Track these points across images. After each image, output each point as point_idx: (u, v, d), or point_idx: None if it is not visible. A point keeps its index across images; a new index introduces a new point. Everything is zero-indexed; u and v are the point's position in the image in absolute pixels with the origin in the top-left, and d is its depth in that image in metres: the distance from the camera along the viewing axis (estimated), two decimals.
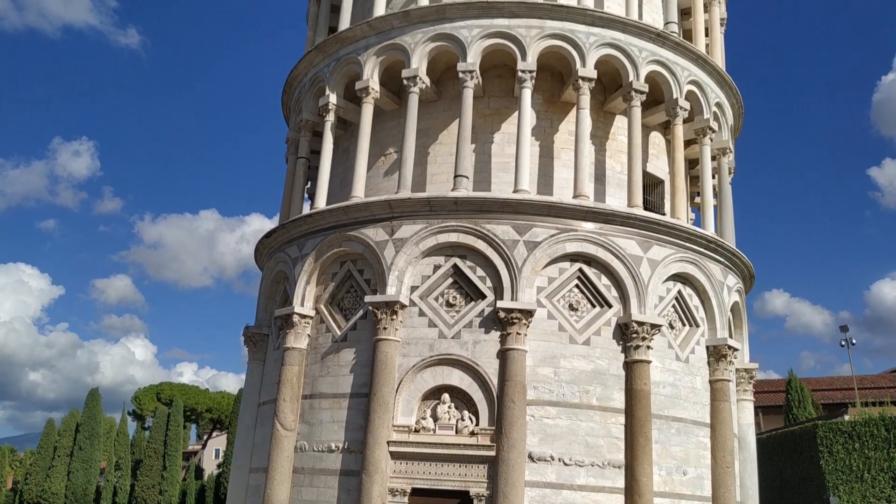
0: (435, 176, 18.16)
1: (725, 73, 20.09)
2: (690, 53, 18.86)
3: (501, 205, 16.10)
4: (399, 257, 16.17)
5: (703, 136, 19.06)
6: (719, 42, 21.70)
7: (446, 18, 17.85)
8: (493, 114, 18.46)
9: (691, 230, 17.32)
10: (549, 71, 18.37)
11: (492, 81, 18.49)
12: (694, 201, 22.13)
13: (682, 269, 17.11)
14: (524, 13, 17.67)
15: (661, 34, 18.34)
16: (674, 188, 18.49)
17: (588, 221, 16.27)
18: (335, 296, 17.32)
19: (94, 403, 58.58)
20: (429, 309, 16.05)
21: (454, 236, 16.20)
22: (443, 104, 18.78)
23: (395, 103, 19.10)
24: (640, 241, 16.53)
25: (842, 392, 47.19)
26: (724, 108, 20.00)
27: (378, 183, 18.80)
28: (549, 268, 16.10)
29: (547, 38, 17.59)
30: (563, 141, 18.30)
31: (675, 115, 18.31)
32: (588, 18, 17.75)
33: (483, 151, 18.12)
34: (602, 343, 15.95)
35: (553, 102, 18.59)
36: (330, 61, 19.40)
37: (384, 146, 19.10)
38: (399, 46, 18.10)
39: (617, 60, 17.90)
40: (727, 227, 19.40)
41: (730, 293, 18.28)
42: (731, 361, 17.70)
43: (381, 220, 16.67)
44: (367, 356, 16.02)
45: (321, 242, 17.40)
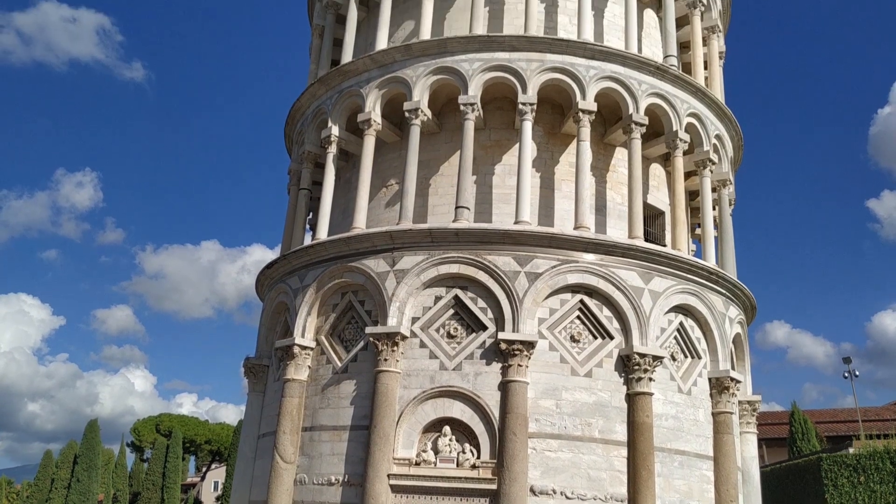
0: (436, 207, 18.24)
1: (725, 105, 20.25)
2: (690, 86, 19.04)
3: (502, 236, 16.14)
4: (400, 288, 16.17)
5: (704, 168, 19.17)
6: (718, 75, 21.91)
7: (447, 52, 18.06)
8: (494, 145, 18.59)
9: (692, 261, 17.34)
10: (549, 103, 18.53)
11: (493, 114, 18.64)
12: (695, 233, 22.18)
13: (683, 301, 17.09)
14: (524, 47, 17.87)
15: (660, 67, 18.53)
16: (674, 220, 18.54)
17: (589, 253, 16.29)
18: (336, 327, 17.30)
19: (93, 435, 58.17)
20: (430, 340, 16.01)
21: (455, 267, 16.21)
22: (444, 136, 18.91)
23: (396, 135, 19.25)
24: (642, 273, 16.54)
25: (846, 424, 46.84)
26: (723, 140, 20.13)
27: (379, 214, 18.87)
28: (551, 299, 16.09)
29: (547, 71, 17.78)
30: (563, 172, 18.40)
31: (675, 147, 18.43)
32: (588, 52, 17.95)
33: (484, 183, 18.21)
34: (604, 375, 15.88)
35: (554, 134, 18.72)
36: (332, 94, 19.60)
37: (386, 178, 19.21)
38: (401, 79, 18.29)
39: (617, 93, 18.07)
40: (728, 259, 19.41)
41: (731, 325, 18.24)
42: (734, 393, 17.60)
43: (383, 251, 16.69)
44: (368, 388, 15.95)
45: (322, 273, 17.42)
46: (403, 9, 20.57)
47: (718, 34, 22.24)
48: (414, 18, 19.73)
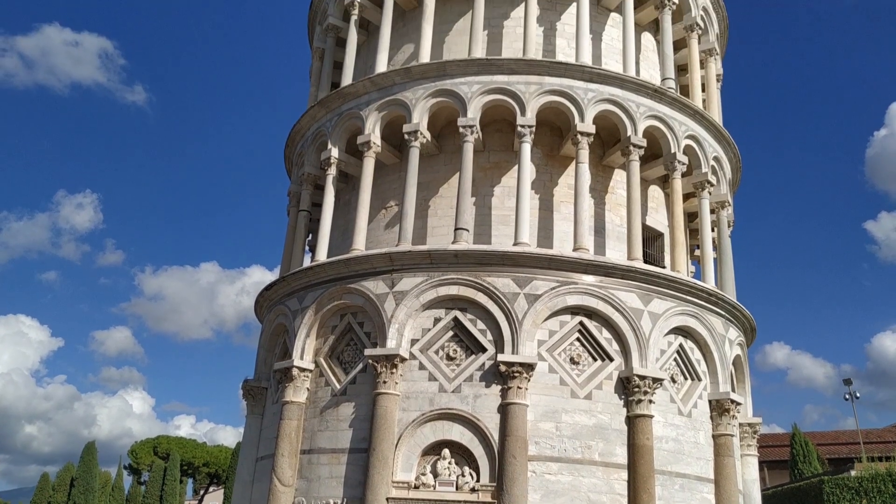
0: (435, 229, 18.27)
1: (723, 127, 20.35)
2: (688, 109, 19.15)
3: (502, 257, 16.16)
4: (399, 310, 16.15)
5: (702, 190, 19.23)
6: (716, 97, 22.06)
7: (447, 75, 18.18)
8: (493, 167, 18.66)
9: (692, 283, 17.34)
10: (548, 125, 18.62)
11: (492, 136, 18.73)
12: (694, 254, 22.20)
13: (683, 323, 17.07)
14: (523, 70, 18.00)
15: (658, 90, 18.65)
16: (673, 241, 18.56)
17: (588, 274, 16.30)
18: (335, 349, 17.25)
19: (90, 457, 57.82)
20: (429, 362, 15.97)
21: (455, 289, 16.20)
22: (443, 158, 18.99)
23: (396, 157, 19.32)
24: (641, 295, 16.53)
25: (847, 447, 46.60)
26: (722, 162, 20.21)
27: (379, 236, 18.90)
28: (550, 321, 16.06)
29: (546, 93, 17.88)
30: (562, 194, 18.45)
31: (674, 169, 18.51)
32: (586, 75, 18.07)
33: (483, 204, 18.25)
34: (604, 397, 15.82)
35: (552, 156, 18.80)
36: (332, 116, 19.70)
37: (385, 199, 19.25)
38: (400, 102, 18.39)
39: (615, 116, 18.17)
40: (727, 280, 19.42)
41: (731, 346, 18.20)
42: (735, 416, 17.53)
43: (382, 272, 16.69)
44: (367, 410, 15.87)
45: (321, 295, 17.41)
46: (403, 32, 20.76)
47: (716, 57, 22.40)
48: (413, 42, 19.89)
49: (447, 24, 20.36)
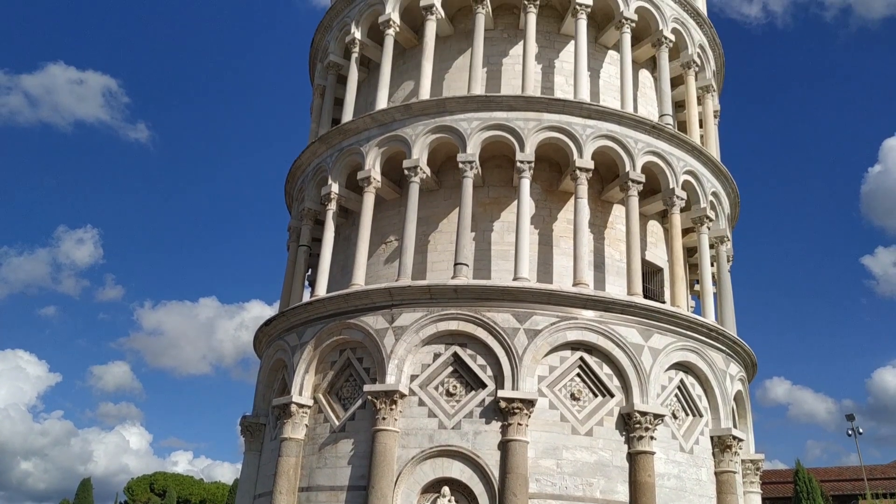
0: (435, 264, 18.28)
1: (720, 163, 20.49)
2: (686, 144, 19.29)
3: (501, 292, 16.14)
4: (399, 345, 16.08)
5: (701, 225, 19.29)
6: (714, 133, 22.22)
7: (446, 111, 18.34)
8: (492, 203, 18.73)
9: (692, 318, 17.30)
10: (547, 161, 18.74)
11: (491, 171, 18.83)
12: (693, 289, 22.19)
13: (683, 358, 17.00)
14: (522, 106, 18.16)
15: (656, 126, 18.80)
16: (673, 276, 18.56)
17: (588, 309, 16.27)
18: (334, 385, 17.15)
19: (86, 494, 57.14)
20: (429, 398, 15.86)
21: (454, 324, 16.15)
22: (443, 193, 19.07)
23: (395, 192, 19.41)
24: (641, 330, 16.48)
25: (851, 483, 46.09)
26: (720, 197, 20.30)
27: (378, 270, 18.90)
28: (550, 356, 15.99)
29: (544, 130, 18.03)
30: (561, 229, 18.50)
31: (672, 204, 18.59)
32: (584, 111, 18.24)
33: (483, 239, 18.29)
34: (605, 434, 15.69)
35: (552, 192, 18.89)
36: (333, 152, 19.83)
37: (385, 234, 19.30)
38: (400, 138, 18.53)
39: (613, 151, 18.29)
40: (728, 315, 19.37)
41: (732, 382, 18.10)
42: (737, 452, 17.37)
43: (382, 307, 16.66)
44: (366, 447, 15.72)
45: (321, 330, 17.35)
46: (403, 70, 20.99)
47: (713, 94, 22.61)
48: (413, 79, 20.10)
49: (447, 61, 20.61)
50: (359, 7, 21.41)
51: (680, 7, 21.38)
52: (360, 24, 21.16)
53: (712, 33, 22.72)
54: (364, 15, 21.16)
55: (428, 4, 19.85)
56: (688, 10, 21.63)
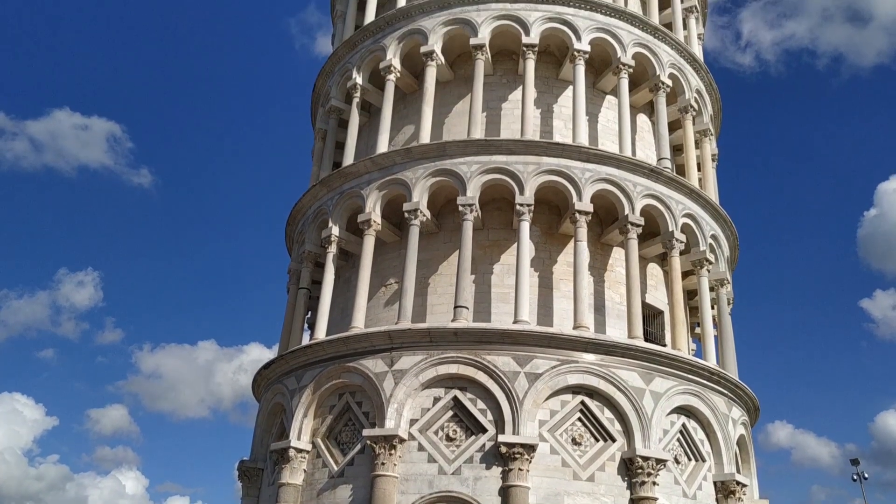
0: (435, 307, 18.24)
1: (719, 206, 20.58)
2: (684, 188, 19.40)
3: (501, 335, 16.08)
4: (398, 389, 15.96)
5: (701, 268, 19.29)
6: (712, 177, 22.35)
7: (446, 155, 18.49)
8: (492, 245, 18.77)
9: (693, 362, 17.20)
10: (546, 204, 18.83)
11: (491, 214, 18.91)
12: (694, 332, 22.09)
13: (685, 402, 16.86)
14: (521, 150, 18.32)
15: (654, 170, 18.94)
16: (673, 319, 18.51)
17: (589, 353, 16.18)
18: (333, 429, 16.97)
19: None
20: (428, 443, 15.69)
21: (454, 368, 16.06)
22: (443, 236, 19.13)
23: (396, 235, 19.47)
24: (643, 373, 16.38)
25: None
26: (719, 240, 20.35)
27: (378, 313, 18.86)
28: (551, 400, 15.86)
29: (544, 173, 18.15)
30: (561, 272, 18.51)
31: (672, 247, 18.63)
32: (583, 155, 18.39)
33: (483, 282, 18.29)
34: (607, 479, 15.48)
35: (551, 234, 18.94)
36: (334, 195, 19.95)
37: (385, 277, 19.30)
38: (401, 181, 18.66)
39: (612, 195, 18.40)
40: (729, 359, 19.25)
41: (735, 426, 17.92)
42: (741, 498, 17.11)
43: (381, 351, 16.58)
44: (365, 493, 15.49)
45: (320, 374, 17.24)
46: (404, 114, 21.23)
47: (710, 137, 22.82)
48: (413, 123, 20.32)
49: (447, 106, 20.85)
50: (360, 53, 21.75)
51: (676, 53, 21.71)
52: (361, 69, 21.47)
53: (709, 78, 23.02)
54: (365, 61, 21.48)
55: (428, 51, 20.16)
56: (684, 56, 21.95)
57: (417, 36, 20.66)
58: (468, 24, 20.26)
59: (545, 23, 20.21)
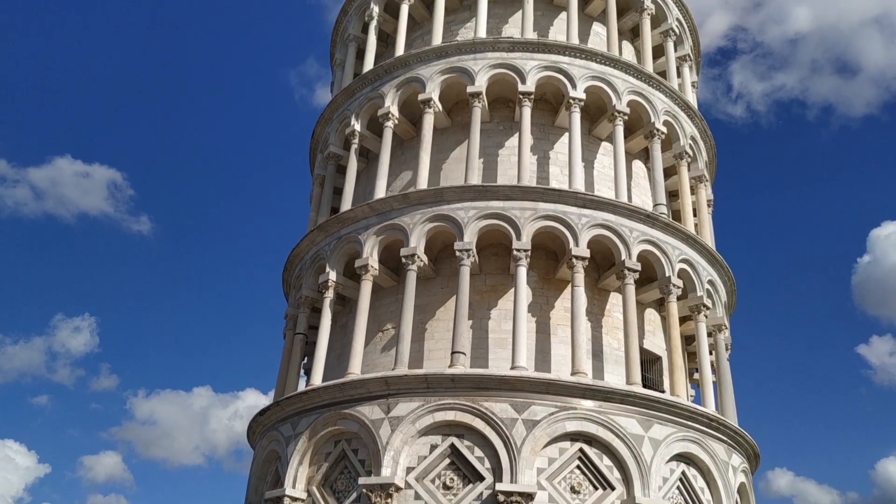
0: (432, 352, 18.16)
1: (715, 251, 20.65)
2: (680, 233, 19.48)
3: (499, 382, 15.97)
4: (395, 436, 15.79)
5: (698, 314, 19.27)
6: (708, 222, 22.43)
7: (444, 201, 18.61)
8: (489, 290, 18.77)
9: (692, 408, 17.08)
10: (543, 249, 18.88)
11: (488, 259, 18.95)
12: (693, 378, 21.96)
13: (684, 449, 16.68)
14: (518, 196, 18.45)
15: (650, 215, 19.05)
16: (672, 365, 18.43)
17: (587, 399, 16.07)
18: (328, 477, 16.74)
19: None
20: (425, 492, 15.45)
21: (451, 414, 15.91)
22: (440, 281, 19.13)
23: (393, 280, 19.47)
24: (641, 420, 16.24)
25: None
26: (716, 285, 20.37)
27: (375, 359, 18.76)
28: (549, 447, 15.68)
29: (540, 219, 18.24)
30: (559, 317, 18.48)
31: (669, 292, 18.63)
32: (579, 201, 18.51)
33: (480, 327, 18.24)
34: None
35: (548, 280, 18.95)
36: (331, 240, 20.01)
37: (382, 322, 19.25)
38: (398, 226, 18.73)
39: (609, 240, 18.46)
40: (728, 405, 19.12)
41: (735, 474, 17.71)
42: None
43: (377, 397, 16.45)
44: None
45: (315, 421, 17.08)
46: (401, 160, 21.42)
47: (706, 183, 22.98)
48: (411, 169, 20.48)
49: (444, 152, 21.05)
50: (359, 100, 22.03)
51: (671, 100, 22.00)
52: (359, 116, 21.71)
53: (703, 125, 23.29)
54: (364, 108, 21.74)
55: (426, 98, 20.43)
56: (678, 104, 22.25)
57: (415, 84, 20.95)
58: (465, 73, 20.57)
59: (541, 71, 20.51)
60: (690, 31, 25.36)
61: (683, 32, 24.81)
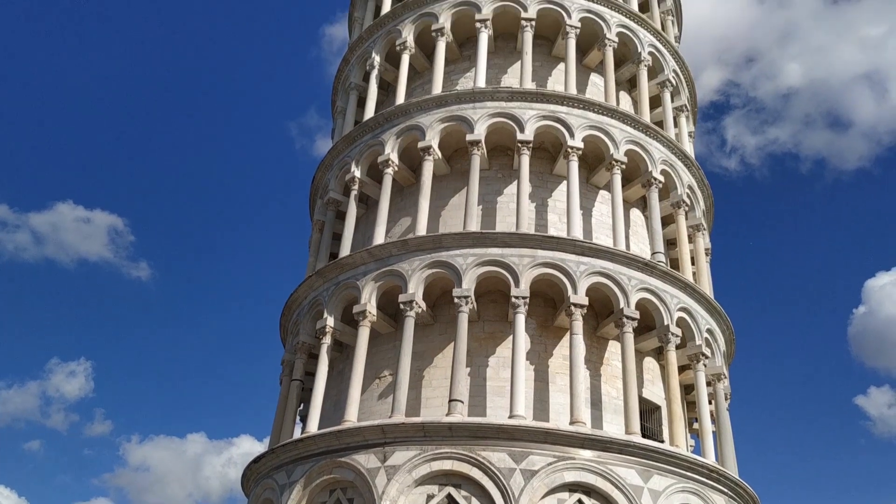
0: (429, 400, 18.01)
1: (714, 300, 20.63)
2: (678, 282, 19.50)
3: (497, 431, 15.81)
4: (391, 486, 15.57)
5: (697, 363, 19.18)
6: (706, 271, 22.47)
7: (442, 247, 18.66)
8: (487, 338, 18.70)
9: (692, 459, 16.88)
10: (541, 297, 18.86)
11: (486, 306, 18.92)
12: (692, 428, 21.76)
13: (684, 501, 16.42)
14: (516, 243, 18.51)
15: (648, 263, 19.08)
16: (671, 414, 18.26)
17: (586, 449, 15.89)
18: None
19: None
20: None
21: (448, 464, 15.71)
22: (438, 327, 19.07)
23: (391, 326, 19.41)
24: (641, 470, 16.03)
25: None
26: (715, 334, 20.31)
27: (371, 406, 18.59)
28: (548, 498, 15.43)
29: (539, 266, 18.27)
30: (557, 365, 18.37)
31: (668, 341, 18.56)
32: (577, 248, 18.56)
33: (478, 375, 18.12)
34: None
35: (547, 327, 18.90)
36: (329, 286, 20.00)
37: (379, 369, 19.13)
38: (397, 272, 18.75)
39: (607, 288, 18.46)
40: (728, 455, 18.90)
41: None
42: None
43: (374, 445, 16.26)
44: None
45: (311, 469, 16.85)
46: (401, 206, 21.53)
47: (703, 232, 23.06)
48: (410, 215, 20.58)
49: (443, 199, 21.17)
50: (359, 147, 22.24)
51: (668, 150, 22.21)
52: (360, 163, 21.90)
53: (700, 174, 23.48)
54: (364, 155, 21.93)
55: (426, 146, 20.63)
56: (675, 153, 22.45)
57: (415, 131, 21.18)
58: (465, 121, 20.81)
59: (539, 120, 20.76)
60: (687, 83, 25.73)
61: (680, 83, 25.17)
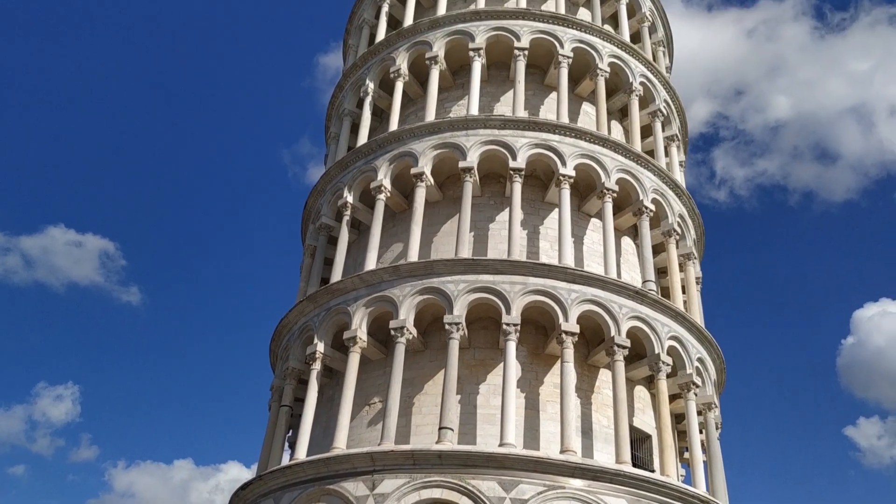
0: (419, 427, 17.89)
1: (705, 329, 20.65)
2: (669, 310, 19.52)
3: (487, 459, 15.70)
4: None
5: (688, 392, 19.13)
6: (696, 300, 22.50)
7: (434, 273, 18.65)
8: (478, 365, 18.63)
9: (682, 489, 16.78)
10: (533, 324, 18.84)
11: (477, 333, 18.87)
12: (683, 457, 21.66)
13: None
14: (508, 270, 18.52)
15: (639, 292, 19.11)
16: (661, 443, 18.18)
17: (576, 478, 15.77)
18: None
19: None
20: None
21: (438, 492, 15.57)
22: (429, 354, 18.99)
23: (381, 352, 19.32)
24: (631, 500, 15.92)
25: None
26: (706, 363, 20.29)
27: (361, 433, 18.45)
28: None
29: (530, 293, 18.27)
30: (548, 393, 18.30)
31: (659, 369, 18.54)
32: (569, 276, 18.57)
33: (468, 402, 18.03)
34: None
35: (538, 355, 18.85)
36: (320, 311, 19.93)
37: (369, 395, 19.01)
38: (388, 298, 18.71)
39: (598, 316, 18.46)
40: (719, 485, 18.80)
41: None
42: None
43: (363, 473, 16.11)
44: None
45: (299, 496, 16.67)
46: (392, 232, 21.55)
47: (694, 261, 23.14)
48: (402, 241, 20.59)
49: (435, 225, 21.20)
50: (352, 173, 22.30)
51: (659, 179, 22.35)
52: (352, 189, 21.94)
53: (691, 204, 23.61)
54: (357, 181, 21.98)
55: (418, 172, 20.71)
56: (667, 182, 22.59)
57: (408, 158, 21.26)
58: (457, 148, 20.91)
59: (531, 148, 20.88)
60: (678, 112, 25.97)
61: (671, 113, 25.41)
